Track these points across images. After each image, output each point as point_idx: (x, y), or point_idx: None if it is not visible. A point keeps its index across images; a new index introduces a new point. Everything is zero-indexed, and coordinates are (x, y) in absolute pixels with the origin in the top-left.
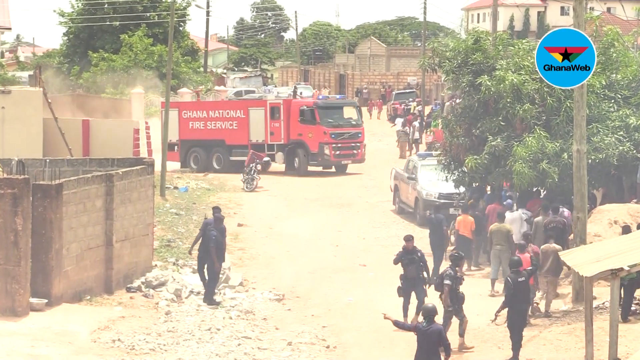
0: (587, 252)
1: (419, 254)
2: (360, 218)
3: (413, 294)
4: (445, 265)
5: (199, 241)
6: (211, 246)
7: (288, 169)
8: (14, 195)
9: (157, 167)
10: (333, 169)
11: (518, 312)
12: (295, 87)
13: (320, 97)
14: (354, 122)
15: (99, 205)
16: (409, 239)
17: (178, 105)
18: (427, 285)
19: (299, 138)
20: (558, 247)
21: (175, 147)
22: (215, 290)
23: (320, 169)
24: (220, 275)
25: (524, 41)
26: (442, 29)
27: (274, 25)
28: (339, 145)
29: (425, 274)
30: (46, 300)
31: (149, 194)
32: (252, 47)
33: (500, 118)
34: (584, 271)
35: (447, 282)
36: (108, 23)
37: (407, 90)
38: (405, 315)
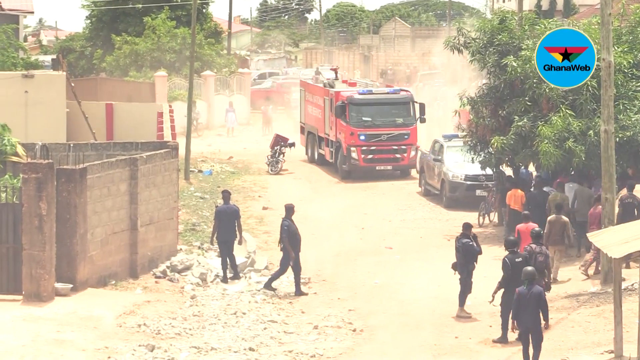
0: (616, 233)
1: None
2: (386, 200)
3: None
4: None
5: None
6: (283, 236)
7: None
8: (38, 180)
9: (181, 151)
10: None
11: (512, 294)
12: (317, 69)
13: (363, 90)
14: (399, 121)
15: (123, 190)
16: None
17: (304, 86)
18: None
19: (339, 137)
20: (565, 219)
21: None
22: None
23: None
24: (246, 259)
25: (550, 21)
26: (467, 9)
27: (297, 7)
28: (372, 148)
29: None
30: (71, 285)
31: (173, 178)
32: (275, 28)
33: (526, 98)
34: (613, 252)
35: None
36: (131, 6)
37: (432, 71)
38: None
